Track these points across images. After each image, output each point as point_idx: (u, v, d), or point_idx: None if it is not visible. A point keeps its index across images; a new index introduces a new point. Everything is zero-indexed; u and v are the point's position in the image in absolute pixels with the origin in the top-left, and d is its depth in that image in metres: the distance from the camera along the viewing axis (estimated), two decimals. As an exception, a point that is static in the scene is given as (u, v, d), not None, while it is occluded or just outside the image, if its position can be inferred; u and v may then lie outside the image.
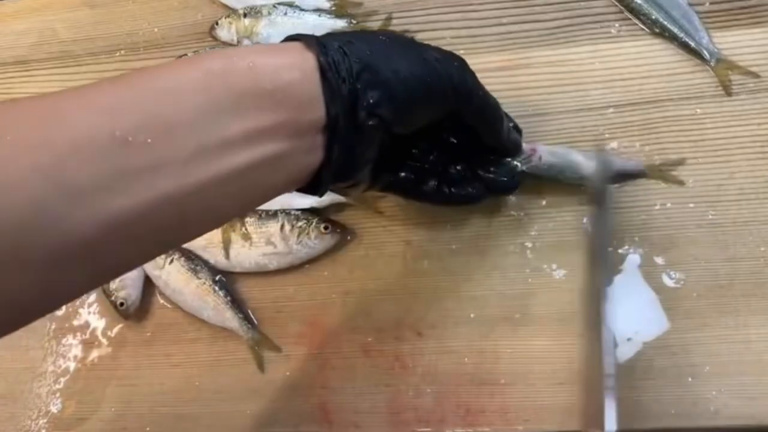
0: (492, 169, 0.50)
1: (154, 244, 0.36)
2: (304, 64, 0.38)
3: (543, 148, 0.51)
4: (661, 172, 0.52)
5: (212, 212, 0.37)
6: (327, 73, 0.38)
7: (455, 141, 0.49)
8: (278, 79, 0.36)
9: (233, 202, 0.38)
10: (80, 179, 0.30)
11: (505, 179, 0.50)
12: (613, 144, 0.53)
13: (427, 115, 0.43)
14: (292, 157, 0.38)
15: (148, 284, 0.57)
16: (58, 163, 0.30)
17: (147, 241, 0.35)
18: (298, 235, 0.54)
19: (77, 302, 0.59)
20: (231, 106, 0.35)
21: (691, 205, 0.51)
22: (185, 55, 0.61)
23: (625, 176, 0.52)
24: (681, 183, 0.51)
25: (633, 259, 0.50)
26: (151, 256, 0.39)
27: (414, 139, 0.46)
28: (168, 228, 0.35)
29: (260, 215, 0.56)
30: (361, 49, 0.40)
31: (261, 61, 0.36)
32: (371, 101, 0.39)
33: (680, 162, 0.51)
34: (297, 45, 0.39)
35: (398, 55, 0.41)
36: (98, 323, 0.57)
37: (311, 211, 0.55)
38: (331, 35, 0.42)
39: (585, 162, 0.51)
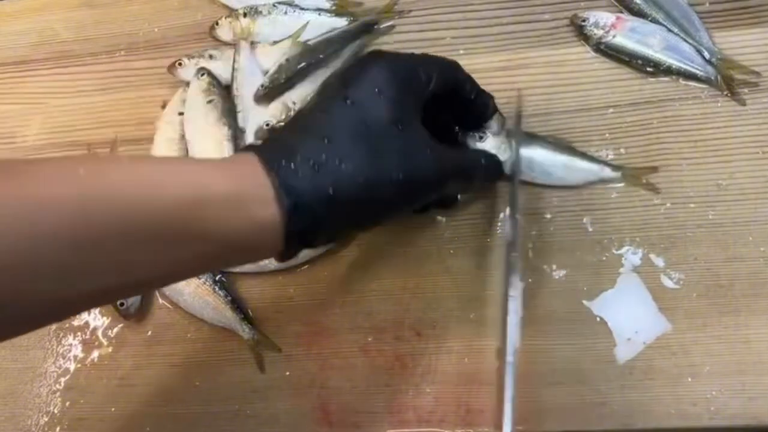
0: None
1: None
2: (273, 231, 0.38)
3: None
4: (637, 179, 0.52)
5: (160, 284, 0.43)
6: (291, 241, 0.39)
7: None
8: (244, 240, 0.38)
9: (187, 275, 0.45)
10: (31, 269, 0.32)
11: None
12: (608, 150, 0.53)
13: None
14: (248, 257, 0.42)
15: (148, 284, 0.57)
16: (14, 251, 0.31)
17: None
18: (298, 235, 0.54)
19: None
20: (191, 239, 0.36)
21: (691, 205, 0.51)
22: (185, 56, 0.61)
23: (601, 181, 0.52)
24: (656, 191, 0.51)
25: (632, 259, 0.50)
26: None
27: None
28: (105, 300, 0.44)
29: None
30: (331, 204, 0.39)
31: (227, 214, 0.37)
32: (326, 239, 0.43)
33: (654, 170, 0.51)
34: (269, 197, 0.38)
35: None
36: (98, 323, 0.57)
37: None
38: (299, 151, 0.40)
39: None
